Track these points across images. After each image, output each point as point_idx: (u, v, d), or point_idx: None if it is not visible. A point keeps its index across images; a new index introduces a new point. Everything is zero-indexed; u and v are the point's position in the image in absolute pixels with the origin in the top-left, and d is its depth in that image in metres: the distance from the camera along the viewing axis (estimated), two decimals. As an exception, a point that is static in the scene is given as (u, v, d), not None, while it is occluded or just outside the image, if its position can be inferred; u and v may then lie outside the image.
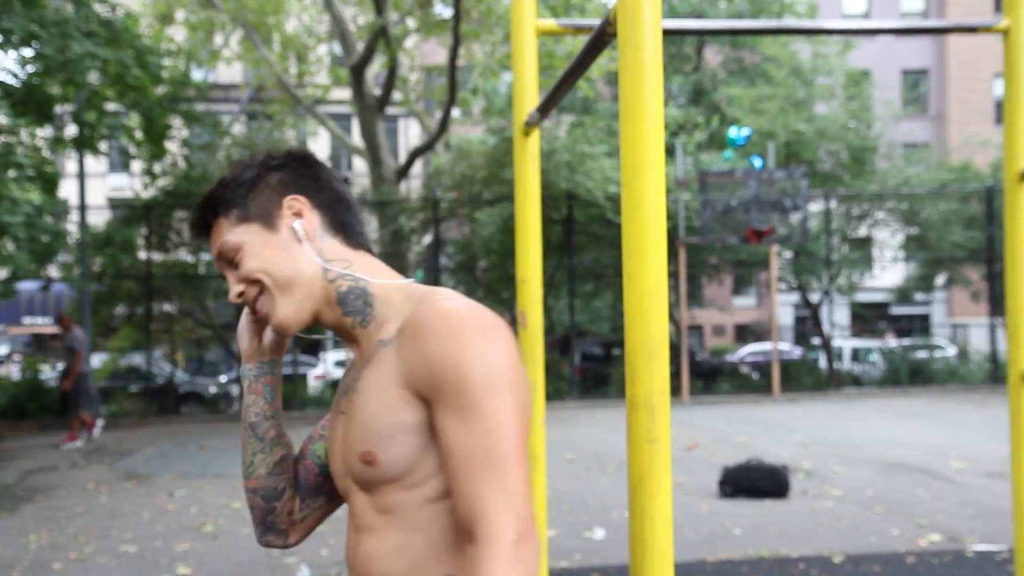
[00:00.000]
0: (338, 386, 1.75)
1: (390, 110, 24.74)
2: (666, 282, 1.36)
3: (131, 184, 25.13)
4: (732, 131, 15.71)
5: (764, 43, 22.23)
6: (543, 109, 2.31)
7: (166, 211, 15.84)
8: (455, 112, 21.00)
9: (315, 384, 19.52)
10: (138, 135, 14.91)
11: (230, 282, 1.41)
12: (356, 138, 25.30)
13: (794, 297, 28.16)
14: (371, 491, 1.31)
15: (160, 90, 14.63)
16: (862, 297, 23.11)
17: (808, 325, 26.06)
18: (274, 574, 5.75)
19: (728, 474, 7.90)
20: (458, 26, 15.05)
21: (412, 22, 18.21)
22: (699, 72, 24.70)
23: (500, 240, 17.49)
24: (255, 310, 1.42)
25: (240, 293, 1.39)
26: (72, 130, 14.77)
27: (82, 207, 15.06)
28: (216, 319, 17.45)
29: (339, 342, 18.75)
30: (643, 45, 1.34)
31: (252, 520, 1.54)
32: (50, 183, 13.28)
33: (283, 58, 19.73)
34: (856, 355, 20.77)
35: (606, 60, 15.08)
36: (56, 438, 12.52)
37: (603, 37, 1.74)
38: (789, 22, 2.41)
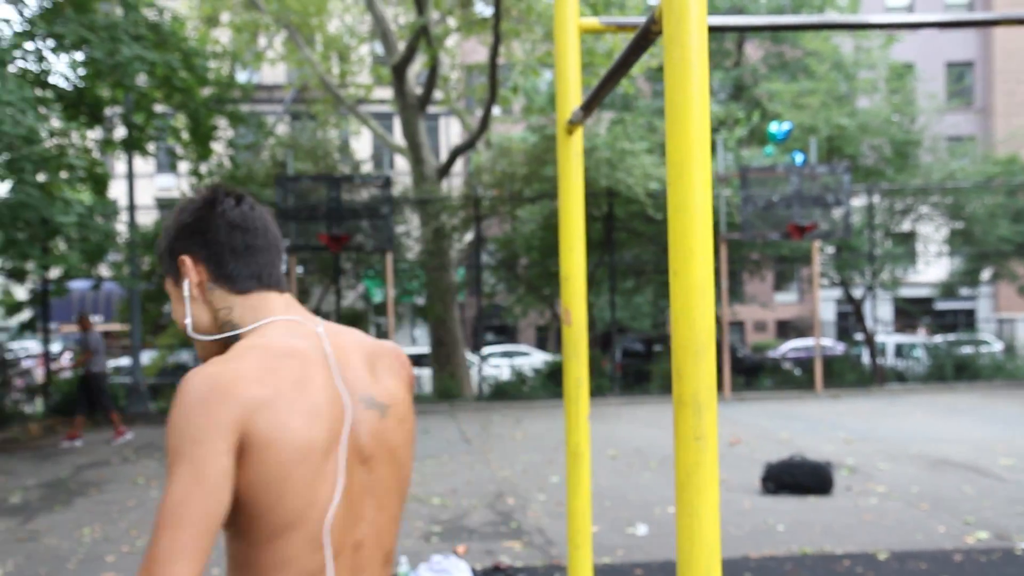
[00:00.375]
0: None
1: (431, 109, 24.89)
2: (712, 280, 1.38)
3: (178, 184, 25.60)
4: (773, 126, 15.57)
5: (805, 37, 21.96)
6: (587, 107, 2.33)
7: (212, 211, 16.05)
8: (496, 110, 21.06)
9: None
10: (185, 136, 15.18)
11: None
12: (398, 137, 25.46)
13: (836, 292, 27.85)
14: None
15: (206, 92, 14.88)
16: (905, 292, 22.78)
17: (850, 321, 25.73)
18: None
19: (771, 470, 7.87)
20: (499, 24, 15.11)
21: (453, 21, 18.30)
22: (740, 67, 24.50)
23: (541, 237, 17.51)
24: None
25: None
26: (121, 132, 15.08)
27: (131, 207, 15.35)
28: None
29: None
30: (689, 43, 1.34)
31: None
32: (100, 184, 13.57)
33: (325, 58, 19.91)
34: (900, 351, 20.47)
35: (647, 57, 15.04)
36: (108, 434, 12.77)
37: (648, 35, 1.75)
38: (833, 17, 2.41)
